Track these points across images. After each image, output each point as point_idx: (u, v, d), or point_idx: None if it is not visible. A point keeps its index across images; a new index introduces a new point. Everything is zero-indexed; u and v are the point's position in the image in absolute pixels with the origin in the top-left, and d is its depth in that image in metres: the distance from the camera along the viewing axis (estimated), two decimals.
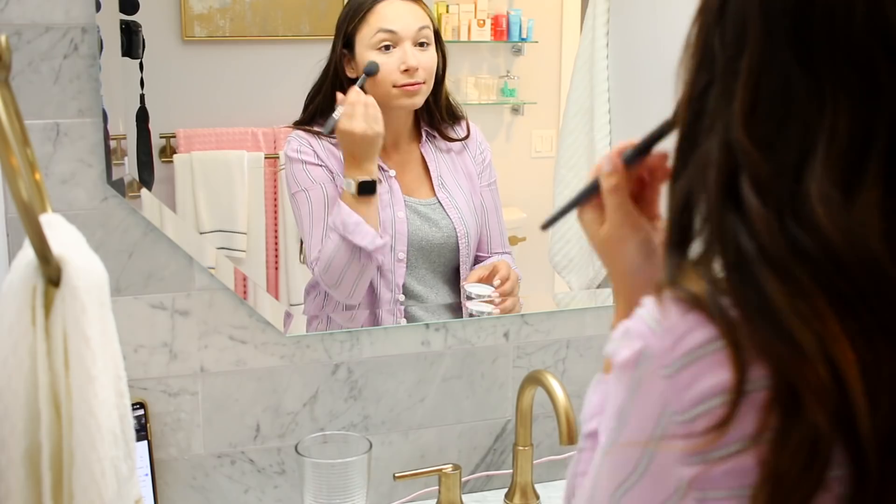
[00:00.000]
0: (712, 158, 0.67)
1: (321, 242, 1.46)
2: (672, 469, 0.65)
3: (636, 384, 0.67)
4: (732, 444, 0.63)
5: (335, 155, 1.48)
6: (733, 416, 0.62)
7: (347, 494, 1.28)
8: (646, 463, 0.67)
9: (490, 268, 1.55)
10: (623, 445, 0.68)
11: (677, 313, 0.65)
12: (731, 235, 0.65)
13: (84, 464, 0.75)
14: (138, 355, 1.34)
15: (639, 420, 0.67)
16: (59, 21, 1.22)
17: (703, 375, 0.64)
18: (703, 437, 0.63)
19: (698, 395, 0.64)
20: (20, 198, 0.72)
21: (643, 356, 0.66)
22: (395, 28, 1.46)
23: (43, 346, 0.74)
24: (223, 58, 1.50)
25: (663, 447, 0.65)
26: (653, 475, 0.67)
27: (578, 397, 1.56)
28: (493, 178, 1.61)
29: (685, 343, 0.64)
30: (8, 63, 0.75)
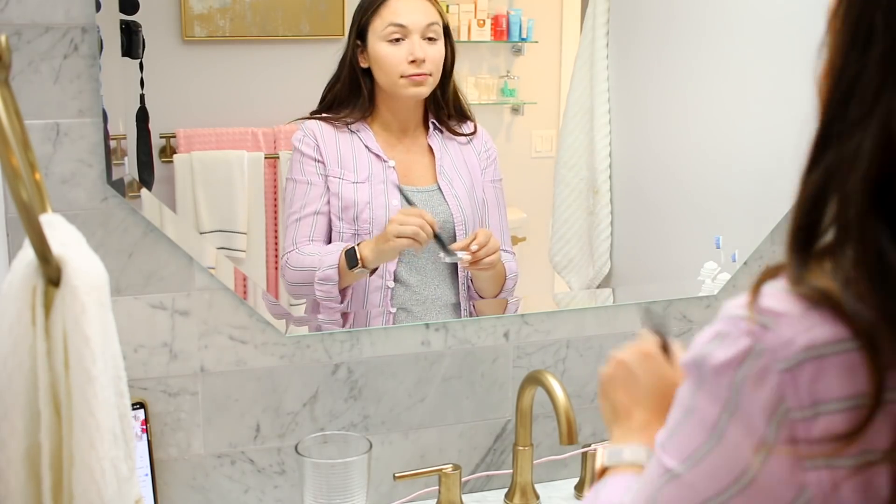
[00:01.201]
0: (864, 151, 0.59)
1: (295, 237, 1.52)
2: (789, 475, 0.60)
3: (738, 386, 0.61)
4: (861, 454, 0.58)
5: (338, 143, 1.51)
6: (868, 425, 0.57)
7: (347, 494, 1.28)
8: (750, 477, 0.61)
9: (472, 236, 1.56)
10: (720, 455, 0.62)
11: (800, 308, 0.60)
12: (874, 241, 0.59)
13: (84, 464, 0.75)
14: (138, 355, 1.34)
15: (744, 427, 0.61)
16: (59, 21, 1.22)
17: (828, 375, 0.59)
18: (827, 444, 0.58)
19: (823, 395, 0.59)
20: (20, 198, 0.72)
21: (752, 354, 0.61)
22: (405, 22, 1.51)
23: (43, 346, 0.74)
24: (223, 58, 1.50)
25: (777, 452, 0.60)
26: (763, 482, 0.61)
27: (578, 397, 1.56)
28: (499, 176, 1.62)
29: (809, 336, 0.59)
30: (8, 63, 0.75)
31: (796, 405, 0.59)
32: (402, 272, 1.55)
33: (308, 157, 1.51)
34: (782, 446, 0.59)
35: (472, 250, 1.53)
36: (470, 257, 1.53)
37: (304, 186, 1.52)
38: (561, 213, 1.79)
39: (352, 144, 1.52)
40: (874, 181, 0.59)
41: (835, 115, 0.62)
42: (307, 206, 1.52)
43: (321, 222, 1.52)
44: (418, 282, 1.56)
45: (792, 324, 0.60)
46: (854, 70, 0.61)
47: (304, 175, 1.52)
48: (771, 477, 0.60)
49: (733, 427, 0.61)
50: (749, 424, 0.61)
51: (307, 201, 1.52)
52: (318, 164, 1.51)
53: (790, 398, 0.59)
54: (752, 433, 0.61)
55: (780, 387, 0.59)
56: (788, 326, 0.60)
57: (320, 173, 1.51)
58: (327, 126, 1.52)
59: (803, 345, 0.59)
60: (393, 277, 1.54)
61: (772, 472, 0.60)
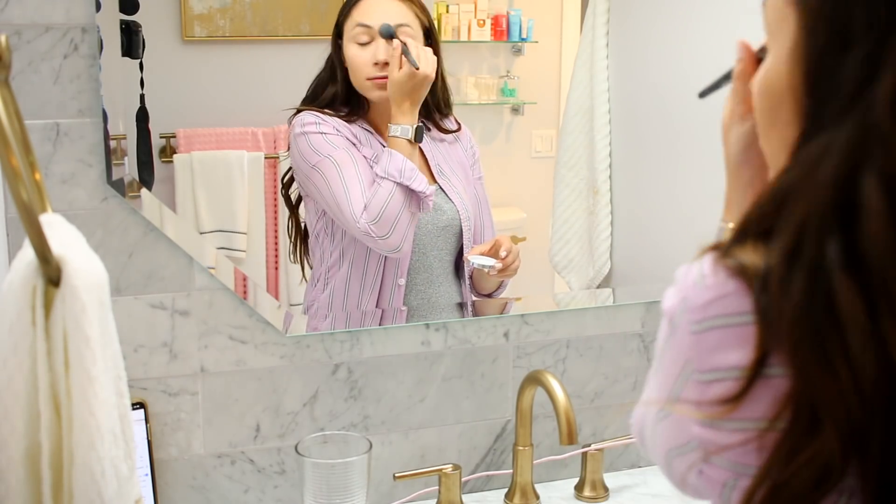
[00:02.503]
0: (834, 150, 0.60)
1: (362, 197, 1.46)
2: (687, 424, 0.66)
3: (671, 332, 0.67)
4: (743, 420, 0.62)
5: (347, 132, 1.50)
6: (746, 394, 0.61)
7: (347, 494, 1.28)
8: (668, 410, 0.67)
9: (492, 242, 1.55)
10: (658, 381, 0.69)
11: (723, 275, 0.64)
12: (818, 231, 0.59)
13: (84, 464, 0.75)
14: (138, 355, 1.34)
15: (667, 368, 0.67)
16: (59, 21, 1.22)
17: (728, 343, 0.63)
18: (716, 406, 0.63)
19: (719, 362, 0.63)
20: (20, 198, 0.72)
21: (681, 307, 0.66)
22: (371, 23, 1.49)
23: (43, 346, 0.74)
24: (223, 58, 1.50)
25: (680, 404, 0.65)
26: (672, 422, 0.67)
27: (578, 397, 1.56)
28: (482, 173, 1.63)
29: (719, 305, 0.63)
30: (8, 63, 0.75)
31: (699, 367, 0.64)
32: (413, 270, 1.54)
33: (330, 134, 1.48)
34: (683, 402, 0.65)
35: (502, 257, 1.53)
36: (500, 265, 1.53)
37: (345, 154, 1.47)
38: (561, 213, 1.79)
39: (364, 133, 1.51)
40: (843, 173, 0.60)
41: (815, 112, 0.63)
42: (361, 168, 1.47)
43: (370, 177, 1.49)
44: (426, 279, 1.56)
45: (712, 287, 0.64)
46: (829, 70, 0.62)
47: (338, 147, 1.47)
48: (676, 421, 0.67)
49: (662, 368, 0.68)
50: (668, 371, 0.68)
51: (359, 166, 1.47)
52: (344, 138, 1.49)
53: (696, 360, 0.65)
54: (668, 379, 0.67)
55: (689, 348, 0.65)
56: (708, 289, 0.64)
57: (348, 144, 1.48)
58: (331, 117, 1.50)
59: (714, 313, 0.63)
60: (405, 275, 1.53)
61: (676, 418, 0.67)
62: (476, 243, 1.61)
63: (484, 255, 1.55)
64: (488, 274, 1.55)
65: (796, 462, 0.60)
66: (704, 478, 0.66)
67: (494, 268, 1.53)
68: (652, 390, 0.71)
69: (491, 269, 1.53)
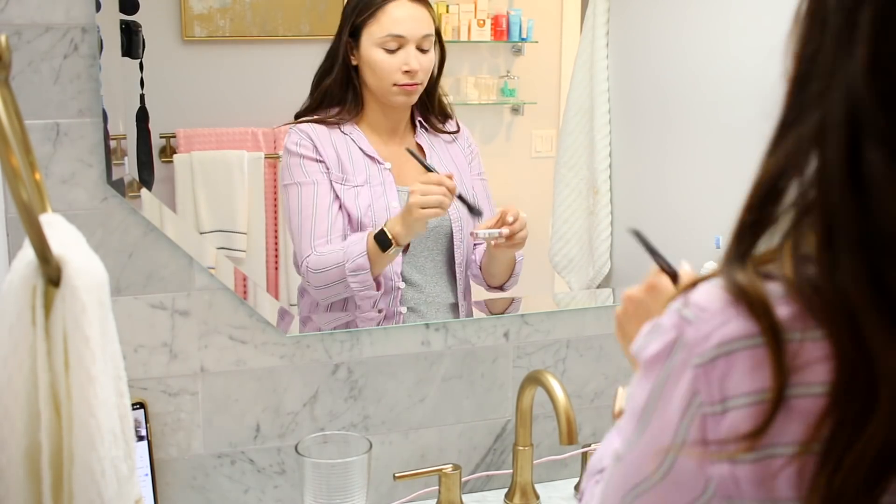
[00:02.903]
0: (831, 121, 0.59)
1: (312, 241, 1.49)
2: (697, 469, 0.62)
3: (665, 377, 0.63)
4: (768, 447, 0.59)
5: (334, 145, 1.50)
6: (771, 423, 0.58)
7: (347, 494, 1.28)
8: (668, 465, 0.63)
9: (498, 215, 1.55)
10: (645, 445, 0.64)
11: (720, 303, 0.61)
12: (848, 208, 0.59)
13: (84, 464, 0.75)
14: (138, 355, 1.34)
15: (665, 417, 0.63)
16: (59, 21, 1.22)
17: (737, 370, 0.60)
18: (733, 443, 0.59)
19: (731, 389, 0.60)
20: (20, 198, 0.72)
21: (677, 346, 0.62)
22: (404, 33, 1.50)
23: (43, 346, 0.74)
24: (223, 58, 1.50)
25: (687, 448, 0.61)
26: (675, 476, 0.63)
27: (578, 397, 1.56)
28: (482, 169, 1.63)
29: (722, 332, 0.61)
30: (8, 63, 0.75)
31: (708, 400, 0.61)
32: (408, 272, 1.54)
33: (309, 159, 1.50)
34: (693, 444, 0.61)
35: (509, 222, 1.52)
36: (507, 231, 1.52)
37: (311, 187, 1.50)
38: (561, 213, 1.79)
39: (347, 146, 1.52)
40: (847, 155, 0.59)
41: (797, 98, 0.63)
42: (319, 205, 1.50)
43: (337, 219, 1.50)
44: (421, 280, 1.56)
45: (710, 319, 0.61)
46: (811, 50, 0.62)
47: (309, 176, 1.50)
48: (683, 469, 0.63)
49: (656, 418, 0.64)
50: (667, 416, 0.63)
51: (318, 200, 1.50)
52: (320, 164, 1.51)
53: (703, 393, 0.61)
54: (669, 425, 0.63)
55: (694, 381, 0.61)
56: (707, 322, 0.61)
57: (324, 172, 1.51)
58: (320, 128, 1.51)
59: (717, 341, 0.61)
60: (401, 278, 1.54)
61: (684, 464, 0.62)
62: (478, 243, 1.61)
63: (491, 229, 1.54)
64: (495, 245, 1.54)
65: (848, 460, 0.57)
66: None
67: (502, 234, 1.52)
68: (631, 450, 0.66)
69: (498, 238, 1.53)
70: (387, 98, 1.53)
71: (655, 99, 1.74)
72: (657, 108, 1.74)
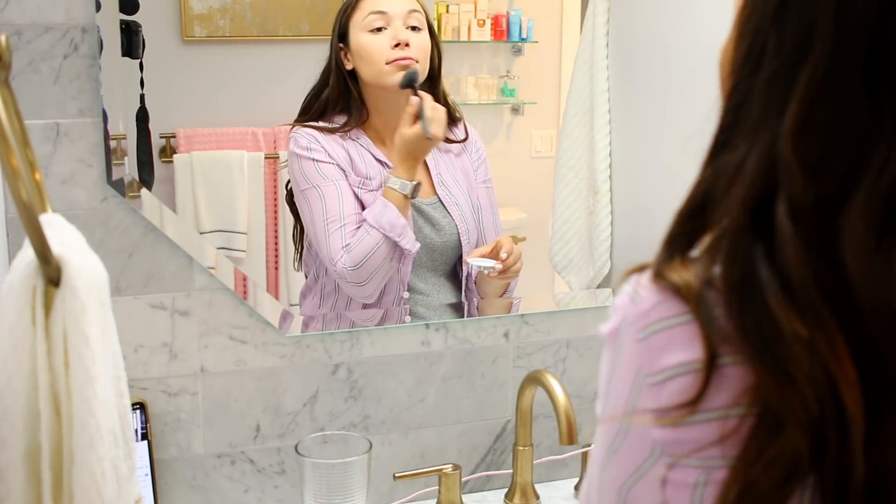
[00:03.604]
0: (747, 170, 0.62)
1: (343, 239, 1.46)
2: (647, 433, 0.66)
3: (616, 353, 0.68)
4: (706, 412, 0.63)
5: (345, 150, 1.49)
6: (704, 393, 0.62)
7: (347, 494, 1.28)
8: (625, 430, 0.68)
9: (493, 244, 1.54)
10: (608, 415, 0.69)
11: (655, 288, 0.66)
12: (745, 255, 0.62)
13: (84, 464, 0.75)
14: (138, 355, 1.34)
15: (619, 387, 0.68)
16: (59, 21, 1.22)
17: (673, 343, 0.64)
18: (675, 410, 0.63)
19: (669, 361, 0.64)
20: (20, 198, 0.72)
21: (622, 325, 0.68)
22: (385, 9, 1.48)
23: (43, 346, 0.74)
24: (223, 58, 1.50)
25: (637, 415, 0.66)
26: (631, 440, 0.68)
27: (578, 397, 1.56)
28: (489, 175, 1.61)
29: (658, 310, 0.65)
30: (8, 63, 0.75)
31: (649, 371, 0.65)
32: (413, 282, 1.53)
33: (323, 162, 1.47)
34: (641, 412, 0.66)
35: (503, 259, 1.52)
36: (500, 266, 1.52)
37: (332, 187, 1.47)
38: (561, 213, 1.79)
39: (357, 151, 1.50)
40: (755, 197, 0.62)
41: (727, 121, 0.66)
42: (345, 204, 1.47)
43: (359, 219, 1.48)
44: (425, 287, 1.55)
45: (649, 297, 0.66)
46: (745, 85, 0.64)
47: (327, 178, 1.47)
48: (635, 436, 0.67)
49: (612, 388, 0.69)
50: (620, 387, 0.68)
51: (344, 200, 1.47)
52: (335, 166, 1.48)
53: (645, 366, 0.65)
54: (622, 395, 0.68)
55: (638, 355, 0.66)
56: (646, 300, 0.66)
57: (340, 173, 1.48)
58: (326, 135, 1.49)
59: (655, 318, 0.65)
60: (407, 288, 1.53)
61: (635, 432, 0.67)
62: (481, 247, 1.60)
63: (484, 258, 1.54)
64: (488, 276, 1.54)
65: (764, 459, 0.61)
66: (672, 487, 0.66)
67: (494, 269, 1.52)
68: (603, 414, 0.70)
69: (491, 271, 1.53)
70: (384, 82, 1.48)
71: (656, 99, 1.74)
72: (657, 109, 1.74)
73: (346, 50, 1.50)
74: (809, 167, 0.60)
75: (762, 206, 0.62)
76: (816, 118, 0.60)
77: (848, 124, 0.60)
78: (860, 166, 0.60)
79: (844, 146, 0.60)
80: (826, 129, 0.60)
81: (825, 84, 0.60)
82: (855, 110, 0.60)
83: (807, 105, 0.60)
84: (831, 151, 0.60)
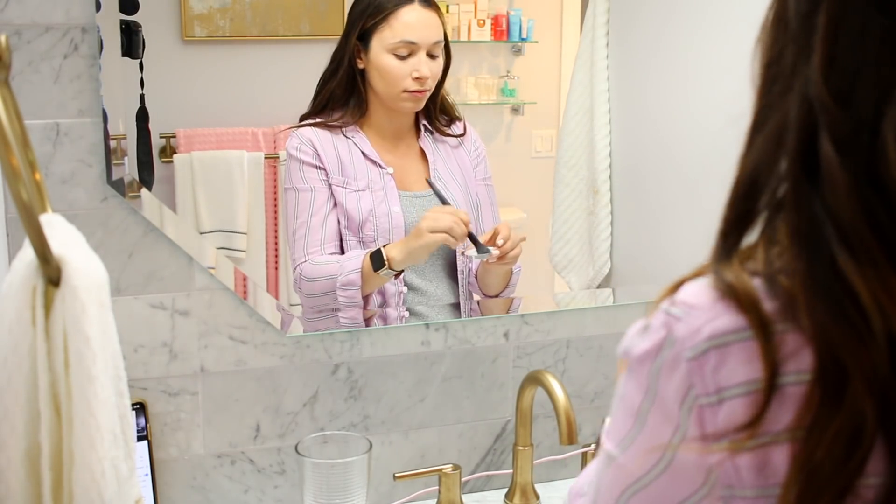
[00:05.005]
0: (791, 119, 0.63)
1: (304, 248, 1.50)
2: (698, 461, 0.63)
3: (656, 374, 0.65)
4: (763, 436, 0.61)
5: (336, 150, 1.50)
6: (765, 412, 0.60)
7: (347, 494, 1.28)
8: (669, 458, 0.65)
9: (491, 232, 1.55)
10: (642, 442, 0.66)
11: (708, 300, 0.64)
12: (806, 202, 0.62)
13: (84, 464, 0.75)
14: (138, 355, 1.34)
15: (662, 410, 0.65)
16: (59, 21, 1.22)
17: (730, 362, 0.62)
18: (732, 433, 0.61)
19: (726, 380, 0.62)
20: (20, 198, 0.72)
21: (666, 343, 0.64)
22: (416, 39, 1.50)
23: (43, 346, 0.74)
24: (223, 58, 1.50)
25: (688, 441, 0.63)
26: (675, 470, 0.65)
27: (578, 397, 1.56)
28: (489, 174, 1.62)
29: (714, 326, 0.63)
30: (8, 63, 0.75)
31: (703, 392, 0.63)
32: (409, 276, 1.54)
33: (308, 165, 1.50)
34: (692, 438, 0.63)
35: (499, 245, 1.52)
36: (497, 252, 1.52)
37: (308, 194, 1.50)
38: (561, 213, 1.79)
39: (349, 150, 1.51)
40: (804, 141, 0.62)
41: (764, 99, 0.66)
42: (315, 213, 1.50)
43: (331, 228, 1.50)
44: (422, 284, 1.55)
45: (700, 315, 0.63)
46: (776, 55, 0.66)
47: (307, 182, 1.50)
48: (685, 460, 0.64)
49: (653, 414, 0.66)
50: (665, 411, 0.65)
51: (314, 209, 1.50)
52: (319, 170, 1.50)
53: (698, 385, 0.63)
54: (668, 419, 0.65)
55: (689, 374, 0.63)
56: (696, 317, 0.64)
57: (322, 179, 1.50)
58: (322, 131, 1.50)
59: (708, 334, 0.63)
60: (404, 282, 1.53)
61: (685, 456, 0.64)
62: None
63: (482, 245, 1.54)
64: (486, 262, 1.54)
65: (828, 435, 0.59)
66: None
67: (492, 255, 1.52)
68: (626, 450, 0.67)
69: (489, 258, 1.53)
70: (394, 104, 1.52)
71: (655, 99, 1.74)
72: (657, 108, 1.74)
73: (364, 52, 1.50)
74: (842, 99, 0.61)
75: (810, 149, 0.62)
76: (840, 50, 0.61)
77: (868, 51, 0.61)
78: (888, 79, 0.61)
79: (869, 66, 0.61)
80: (850, 61, 0.61)
81: (841, 21, 0.61)
82: (871, 30, 0.61)
83: (829, 44, 0.62)
84: (860, 76, 0.61)
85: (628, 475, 0.67)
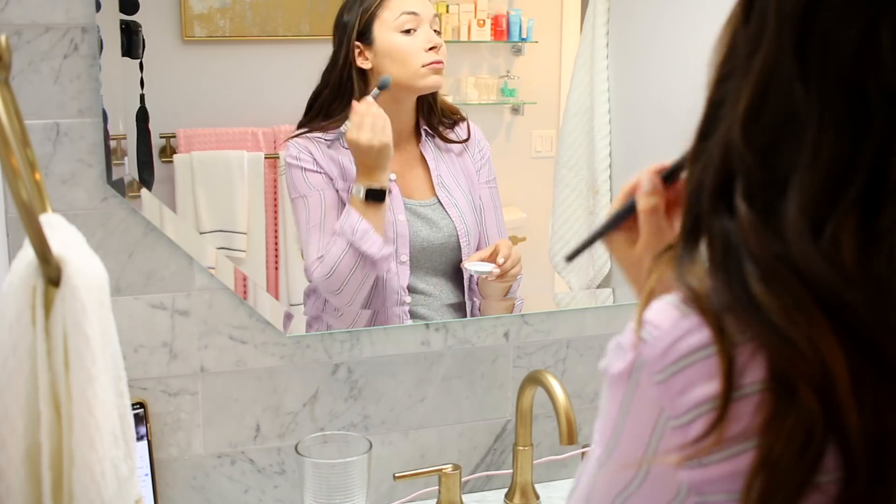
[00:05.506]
0: (713, 157, 0.66)
1: (319, 249, 1.47)
2: (671, 475, 0.65)
3: (629, 396, 0.66)
4: (729, 447, 0.62)
5: (335, 160, 1.48)
6: (723, 420, 0.61)
7: (347, 494, 1.28)
8: (644, 473, 0.66)
9: (492, 248, 1.54)
10: (619, 460, 0.68)
11: (672, 319, 0.65)
12: (721, 232, 0.64)
13: (84, 464, 0.75)
14: (138, 355, 1.34)
15: (634, 433, 0.66)
16: (59, 21, 1.22)
17: (696, 381, 0.63)
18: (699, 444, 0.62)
19: (693, 400, 0.63)
20: (20, 198, 0.72)
21: (636, 366, 0.66)
22: (417, 10, 1.49)
23: (43, 346, 0.74)
24: (223, 58, 1.50)
25: (660, 458, 0.65)
26: (652, 482, 0.66)
27: (578, 397, 1.56)
28: (493, 175, 1.61)
29: (677, 348, 0.64)
30: (8, 63, 0.75)
31: (673, 414, 0.64)
32: (414, 283, 1.53)
33: (310, 171, 1.48)
34: (663, 453, 0.65)
35: (500, 263, 1.52)
36: (498, 271, 1.52)
37: (317, 196, 1.48)
38: (561, 213, 1.79)
39: (349, 158, 1.50)
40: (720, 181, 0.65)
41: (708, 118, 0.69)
42: (327, 214, 1.47)
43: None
44: (426, 288, 1.55)
45: (665, 336, 0.65)
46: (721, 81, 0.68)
47: (313, 188, 1.47)
48: (658, 476, 0.66)
49: (626, 431, 0.67)
50: (638, 431, 0.66)
51: (326, 210, 1.47)
52: (321, 174, 1.49)
53: (668, 408, 0.64)
54: (640, 439, 0.66)
55: (658, 398, 0.64)
56: (661, 339, 0.65)
57: (327, 181, 1.48)
58: (320, 142, 1.48)
59: (673, 358, 0.64)
60: (407, 292, 1.52)
61: (658, 472, 0.66)
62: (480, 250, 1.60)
63: (482, 262, 1.54)
64: (486, 279, 1.54)
65: (784, 431, 0.61)
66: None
67: (492, 273, 1.52)
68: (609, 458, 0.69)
69: (489, 275, 1.53)
70: (417, 82, 1.49)
71: (655, 99, 1.74)
72: (657, 108, 1.74)
73: (367, 49, 1.49)
74: (762, 151, 0.63)
75: (727, 187, 0.64)
76: (767, 103, 0.63)
77: (790, 111, 0.62)
78: (799, 150, 0.62)
79: (790, 129, 0.62)
80: (775, 114, 0.63)
81: (772, 70, 0.63)
82: (795, 95, 0.62)
83: (756, 93, 0.63)
84: (781, 134, 0.63)
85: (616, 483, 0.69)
